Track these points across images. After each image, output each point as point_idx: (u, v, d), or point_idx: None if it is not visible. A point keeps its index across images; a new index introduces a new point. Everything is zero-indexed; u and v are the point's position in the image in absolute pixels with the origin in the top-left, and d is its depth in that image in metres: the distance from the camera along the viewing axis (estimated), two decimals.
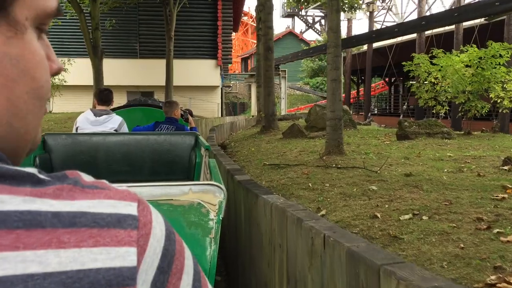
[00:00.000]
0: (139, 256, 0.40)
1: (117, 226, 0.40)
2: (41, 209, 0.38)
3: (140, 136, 4.21)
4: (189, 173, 4.04)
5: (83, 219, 0.39)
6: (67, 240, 0.37)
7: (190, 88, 25.52)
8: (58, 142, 3.88)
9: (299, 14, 60.12)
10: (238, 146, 9.81)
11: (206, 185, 1.80)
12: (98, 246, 0.38)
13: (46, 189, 0.40)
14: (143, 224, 0.42)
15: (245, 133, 13.28)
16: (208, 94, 25.98)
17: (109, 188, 0.43)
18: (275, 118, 11.29)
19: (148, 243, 0.41)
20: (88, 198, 0.41)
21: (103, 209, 0.40)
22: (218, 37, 25.22)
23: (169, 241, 0.44)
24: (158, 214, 0.46)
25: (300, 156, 7.08)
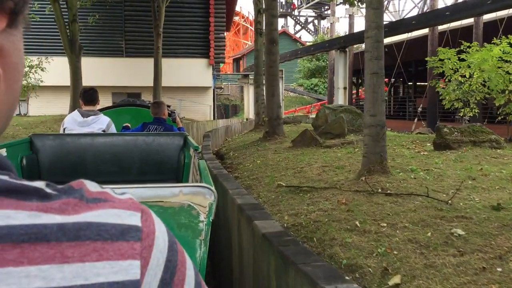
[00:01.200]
0: (142, 268, 0.40)
1: (120, 239, 0.40)
2: (47, 222, 0.38)
3: (128, 137, 4.15)
4: (178, 173, 3.96)
5: (88, 231, 0.39)
6: (71, 255, 0.37)
7: (180, 89, 23.80)
8: (45, 143, 3.83)
9: (292, 14, 58.75)
10: (239, 157, 8.15)
11: (197, 187, 1.78)
12: (102, 261, 0.38)
13: (52, 203, 0.40)
14: (146, 235, 0.42)
15: (244, 139, 11.61)
16: (199, 96, 24.27)
17: (113, 199, 0.43)
18: (281, 123, 9.67)
19: (152, 255, 0.42)
20: (93, 210, 0.41)
21: (108, 219, 0.41)
22: (210, 34, 23.54)
23: (172, 252, 0.44)
24: (161, 223, 0.46)
25: (324, 173, 5.45)
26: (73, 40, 12.87)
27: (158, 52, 19.00)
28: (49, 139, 3.91)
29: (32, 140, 3.82)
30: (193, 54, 23.77)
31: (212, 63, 23.75)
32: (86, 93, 4.55)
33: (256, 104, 14.16)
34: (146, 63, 21.96)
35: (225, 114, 38.19)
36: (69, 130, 4.24)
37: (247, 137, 12.15)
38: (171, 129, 5.09)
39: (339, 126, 8.37)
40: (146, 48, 23.12)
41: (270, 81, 9.56)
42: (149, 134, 4.45)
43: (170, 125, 5.30)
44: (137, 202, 0.45)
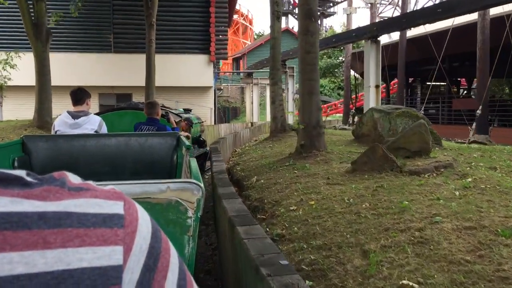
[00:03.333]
0: (125, 254, 0.40)
1: (102, 225, 0.40)
2: (28, 210, 0.38)
3: (121, 137, 4.13)
4: (171, 173, 3.96)
5: (69, 220, 0.39)
6: (53, 241, 0.38)
7: (176, 89, 20.89)
8: (38, 144, 3.87)
9: (293, 13, 56.04)
10: (269, 187, 5.27)
11: (184, 183, 1.76)
12: (84, 246, 0.39)
13: (33, 190, 0.40)
14: (129, 222, 0.42)
15: (264, 152, 8.69)
16: (198, 97, 21.35)
17: (95, 189, 0.44)
18: (322, 132, 6.75)
19: (134, 241, 0.42)
20: (74, 199, 0.41)
21: (89, 209, 0.41)
22: (211, 27, 20.64)
23: (155, 239, 0.44)
24: (144, 212, 0.46)
25: (485, 249, 2.56)
26: (38, 24, 9.91)
27: (151, 46, 16.13)
28: (42, 140, 3.92)
29: (24, 141, 3.82)
30: (191, 50, 20.86)
31: (213, 60, 20.85)
32: (74, 93, 4.51)
33: (273, 106, 11.28)
34: (137, 59, 19.07)
35: (224, 118, 35.26)
36: (61, 133, 4.15)
37: (265, 149, 9.25)
38: (164, 129, 5.12)
39: (419, 138, 5.49)
40: (137, 43, 20.22)
41: (307, 73, 6.68)
42: (142, 134, 4.43)
43: (163, 125, 5.37)
44: (120, 192, 0.45)
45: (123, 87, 20.50)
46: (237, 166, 7.70)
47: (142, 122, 5.24)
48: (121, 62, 20.35)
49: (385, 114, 7.84)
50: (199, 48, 20.85)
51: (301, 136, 6.76)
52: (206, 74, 20.85)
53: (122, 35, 20.77)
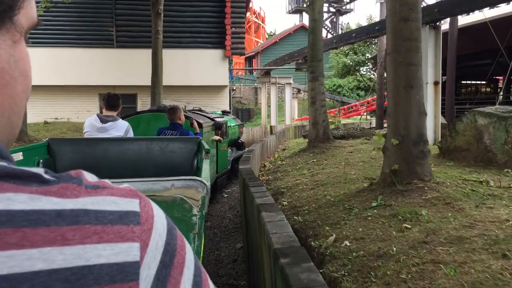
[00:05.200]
0: (142, 251, 0.41)
1: (119, 223, 0.41)
2: (46, 207, 0.39)
3: (143, 142, 4.21)
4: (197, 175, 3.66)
5: (86, 217, 0.40)
6: (71, 237, 0.38)
7: (187, 89, 18.46)
8: (62, 147, 3.97)
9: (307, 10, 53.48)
10: (374, 267, 2.69)
11: (189, 181, 1.74)
12: (102, 242, 0.39)
13: (51, 187, 0.41)
14: (145, 220, 0.43)
15: (311, 173, 6.11)
16: (212, 97, 18.88)
17: (111, 187, 0.45)
18: (426, 151, 4.15)
19: (151, 238, 0.42)
20: (91, 196, 0.42)
21: (106, 207, 0.41)
22: (226, 18, 18.16)
23: (171, 236, 0.45)
24: (159, 209, 0.47)
25: None
26: None
27: (157, 38, 13.68)
28: (66, 143, 4.01)
29: (49, 144, 3.92)
30: (204, 44, 18.40)
31: (228, 55, 18.38)
32: (110, 98, 4.55)
33: (313, 108, 8.76)
34: (143, 55, 16.68)
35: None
36: (89, 135, 4.33)
37: (312, 168, 6.71)
38: (187, 134, 5.18)
39: None
40: (143, 37, 17.82)
41: (403, 54, 4.11)
42: (163, 138, 4.45)
43: (187, 130, 5.42)
44: (135, 190, 0.46)
45: (126, 86, 18.09)
46: (281, 198, 5.18)
47: (165, 127, 5.35)
48: (124, 59, 17.96)
49: (499, 120, 5.29)
50: (212, 42, 18.38)
51: (392, 157, 4.21)
52: (220, 72, 18.38)
53: (125, 28, 18.38)
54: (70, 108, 18.44)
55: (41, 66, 16.97)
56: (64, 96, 18.48)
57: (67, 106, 18.47)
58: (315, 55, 8.60)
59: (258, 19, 55.04)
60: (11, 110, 0.46)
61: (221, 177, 9.56)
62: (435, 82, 10.79)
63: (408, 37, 4.14)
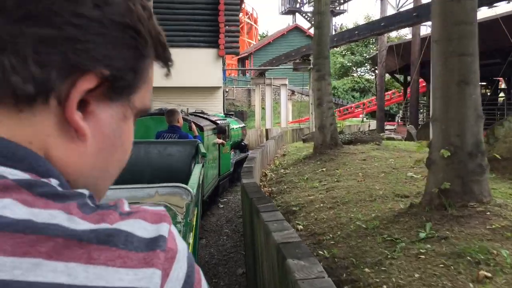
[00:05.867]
0: (162, 279, 0.41)
1: (145, 250, 0.42)
2: (81, 228, 0.40)
3: (141, 145, 4.21)
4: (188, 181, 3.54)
5: (116, 238, 0.41)
6: (96, 257, 0.39)
7: (178, 90, 17.51)
8: None
9: (301, 11, 52.87)
10: None
11: (173, 188, 1.73)
12: (125, 267, 0.40)
13: (90, 216, 0.42)
14: (169, 249, 0.44)
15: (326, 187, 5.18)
16: (205, 99, 17.93)
17: (145, 210, 0.46)
18: (485, 167, 3.28)
19: (172, 268, 0.43)
20: (123, 221, 0.43)
21: (136, 231, 0.42)
22: (220, 16, 17.23)
23: (191, 268, 0.46)
24: (182, 240, 0.47)
25: None
26: None
27: None
28: None
29: None
30: (196, 43, 17.48)
31: (222, 55, 17.46)
32: None
33: (319, 110, 7.87)
34: None
35: None
36: None
37: (324, 179, 5.81)
38: (186, 137, 5.14)
39: None
40: None
41: (455, 42, 3.22)
42: (161, 142, 4.48)
43: (186, 133, 5.37)
44: (166, 214, 0.47)
45: None
46: (293, 219, 4.28)
47: (163, 131, 5.32)
48: None
49: None
50: (205, 40, 17.46)
51: (441, 173, 3.32)
52: (213, 72, 17.46)
53: None
54: None
55: None
56: None
57: None
58: (321, 51, 7.72)
59: (250, 20, 54.18)
60: (100, 174, 0.49)
61: (223, 180, 9.46)
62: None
63: (462, 20, 3.27)
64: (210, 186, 7.95)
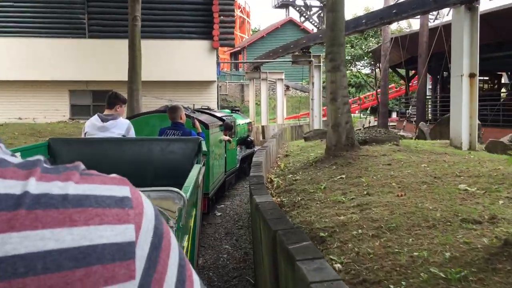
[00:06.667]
0: (136, 232, 0.44)
1: (116, 206, 0.44)
2: (53, 191, 0.42)
3: (145, 142, 4.28)
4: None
5: (88, 201, 0.43)
6: (77, 219, 0.41)
7: (169, 84, 16.39)
8: (63, 147, 4.02)
9: (294, 4, 51.71)
10: None
11: (165, 192, 1.74)
12: (103, 224, 0.42)
13: (53, 175, 0.44)
14: (136, 205, 0.46)
15: (357, 204, 4.09)
16: (198, 94, 16.80)
17: (102, 175, 0.48)
18: None
19: (142, 221, 0.46)
20: (88, 183, 0.45)
21: (102, 192, 0.45)
22: (214, 5, 16.09)
23: (158, 221, 0.48)
24: (146, 197, 0.50)
25: None
26: None
27: (134, 25, 11.69)
28: (67, 143, 4.08)
29: (50, 144, 3.96)
30: (188, 34, 16.34)
31: (216, 46, 16.35)
32: (108, 97, 4.68)
33: (333, 106, 6.81)
34: (120, 47, 14.54)
35: None
36: (89, 134, 4.36)
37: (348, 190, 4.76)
38: (189, 133, 5.21)
39: None
40: (119, 25, 15.68)
41: None
42: (164, 139, 4.50)
43: (189, 129, 5.41)
44: (124, 178, 0.49)
45: (100, 82, 15.95)
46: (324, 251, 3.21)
47: (166, 127, 5.35)
48: (98, 50, 15.81)
49: None
50: (198, 32, 16.32)
51: None
52: (207, 65, 16.34)
53: (99, 15, 16.21)
54: (36, 107, 16.18)
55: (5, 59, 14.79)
56: (28, 93, 16.18)
57: (32, 105, 16.18)
58: (336, 37, 6.65)
59: (243, 14, 52.93)
60: None
61: (229, 176, 9.46)
62: (471, 74, 9.00)
63: None
64: (216, 183, 7.81)
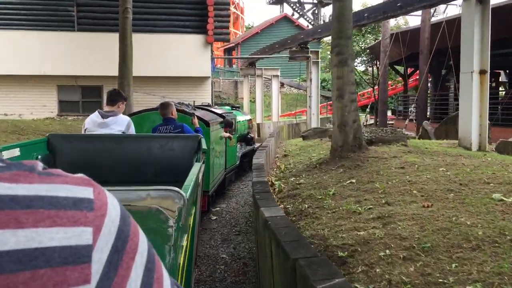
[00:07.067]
0: (94, 235, 0.43)
1: (73, 208, 0.42)
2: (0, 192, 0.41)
3: (145, 139, 4.25)
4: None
5: (40, 202, 0.41)
6: (25, 221, 0.40)
7: (161, 80, 15.81)
8: (63, 143, 3.97)
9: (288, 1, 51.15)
10: None
11: (165, 191, 1.73)
12: (55, 226, 0.41)
13: (3, 174, 0.42)
14: (98, 206, 0.44)
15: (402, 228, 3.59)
16: (192, 91, 16.22)
17: (65, 175, 0.46)
18: None
19: (104, 224, 0.44)
20: (45, 183, 0.43)
21: (60, 193, 0.43)
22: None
23: (124, 223, 0.47)
24: (114, 198, 0.48)
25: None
26: None
27: (125, 18, 11.14)
28: (67, 139, 4.02)
29: (49, 140, 3.90)
30: (182, 28, 15.76)
31: (211, 41, 15.77)
32: (109, 93, 4.72)
33: (339, 103, 6.29)
34: (110, 40, 13.95)
35: None
36: (89, 131, 4.36)
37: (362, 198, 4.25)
38: (181, 127, 5.22)
39: None
40: (109, 18, 15.08)
41: None
42: (164, 136, 4.53)
43: (180, 123, 5.34)
44: (89, 178, 0.47)
45: (90, 77, 15.34)
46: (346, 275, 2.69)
47: (158, 124, 5.35)
48: (87, 44, 15.19)
49: None
50: (192, 25, 15.74)
51: None
52: (201, 60, 15.77)
53: (89, 7, 15.58)
54: (22, 103, 15.52)
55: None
56: (14, 88, 15.51)
57: (18, 101, 15.52)
58: (343, 29, 6.13)
59: (237, 10, 52.26)
60: None
61: (230, 173, 9.46)
62: (481, 71, 8.53)
63: None
64: (216, 180, 7.75)
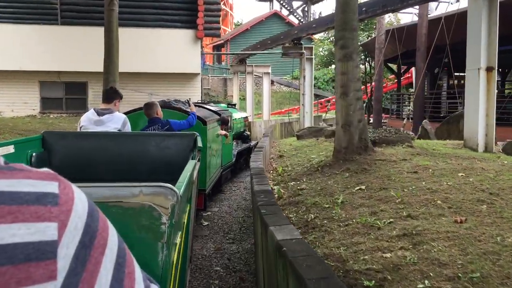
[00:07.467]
0: (60, 230, 0.42)
1: (36, 203, 0.42)
2: None
3: (140, 136, 4.26)
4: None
5: (1, 197, 0.40)
6: None
7: (149, 76, 15.19)
8: (58, 141, 3.94)
9: None
10: None
11: (158, 187, 1.69)
12: (17, 222, 0.40)
13: None
14: (64, 201, 0.43)
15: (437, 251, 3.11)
16: (181, 88, 15.61)
17: (29, 169, 0.45)
18: None
19: (69, 219, 0.43)
20: (6, 178, 0.42)
21: (22, 188, 0.42)
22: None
23: (92, 218, 0.46)
24: (81, 193, 0.47)
25: None
26: None
27: (111, 10, 10.53)
28: (61, 137, 3.98)
29: (44, 137, 3.87)
30: (171, 22, 15.13)
31: (201, 36, 15.17)
32: (106, 91, 4.87)
33: (343, 101, 5.79)
34: (95, 34, 13.29)
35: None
36: (85, 128, 4.37)
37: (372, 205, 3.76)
38: (167, 123, 5.28)
39: None
40: (95, 11, 14.41)
41: None
42: (159, 134, 4.49)
43: (166, 120, 5.39)
44: (54, 173, 0.46)
45: (74, 73, 14.65)
46: None
47: (145, 126, 5.32)
48: (71, 39, 14.50)
49: None
50: (181, 20, 15.12)
51: None
52: (191, 56, 15.17)
53: (73, 0, 14.89)
54: (3, 100, 14.81)
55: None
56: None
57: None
58: (347, 20, 5.62)
59: (226, 6, 51.61)
60: None
61: (225, 170, 9.50)
62: (488, 67, 8.11)
63: None
64: (212, 178, 7.68)
